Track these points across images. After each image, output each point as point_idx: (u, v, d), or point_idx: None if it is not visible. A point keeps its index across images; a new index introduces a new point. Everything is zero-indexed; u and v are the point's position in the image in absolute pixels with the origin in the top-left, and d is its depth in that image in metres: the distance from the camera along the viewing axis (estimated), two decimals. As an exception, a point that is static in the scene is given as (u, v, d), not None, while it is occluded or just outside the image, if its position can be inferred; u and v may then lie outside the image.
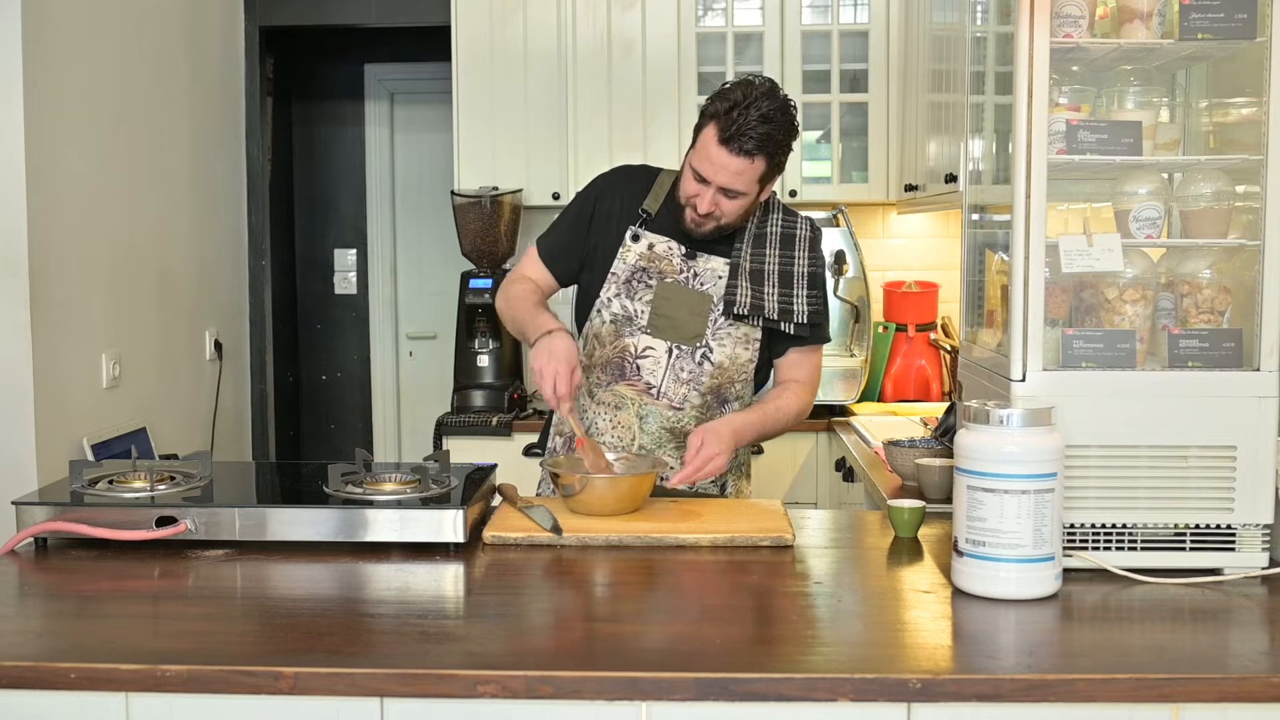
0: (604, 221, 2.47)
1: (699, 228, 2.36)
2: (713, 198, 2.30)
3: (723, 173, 2.26)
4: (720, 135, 2.23)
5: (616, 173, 2.55)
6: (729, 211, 2.32)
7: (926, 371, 4.05)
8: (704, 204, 2.31)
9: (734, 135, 2.22)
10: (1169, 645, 1.67)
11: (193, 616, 1.76)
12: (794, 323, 2.40)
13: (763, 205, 2.45)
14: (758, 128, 2.21)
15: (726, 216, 2.33)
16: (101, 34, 3.44)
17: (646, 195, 2.46)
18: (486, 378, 4.07)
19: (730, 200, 2.30)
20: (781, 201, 2.51)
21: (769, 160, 2.26)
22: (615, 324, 2.43)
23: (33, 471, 3.03)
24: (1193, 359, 1.92)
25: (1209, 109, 2.12)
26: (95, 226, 3.39)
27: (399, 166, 5.61)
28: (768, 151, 2.24)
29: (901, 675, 1.49)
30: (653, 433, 2.41)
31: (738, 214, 2.34)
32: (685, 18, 4.05)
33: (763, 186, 2.32)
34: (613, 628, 1.74)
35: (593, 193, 2.52)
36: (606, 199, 2.49)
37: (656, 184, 2.48)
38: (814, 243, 2.46)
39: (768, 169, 2.28)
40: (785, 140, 2.27)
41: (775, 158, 2.27)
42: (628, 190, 2.48)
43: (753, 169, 2.26)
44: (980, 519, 1.77)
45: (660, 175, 2.50)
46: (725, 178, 2.26)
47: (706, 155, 2.26)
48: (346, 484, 2.14)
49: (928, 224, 4.34)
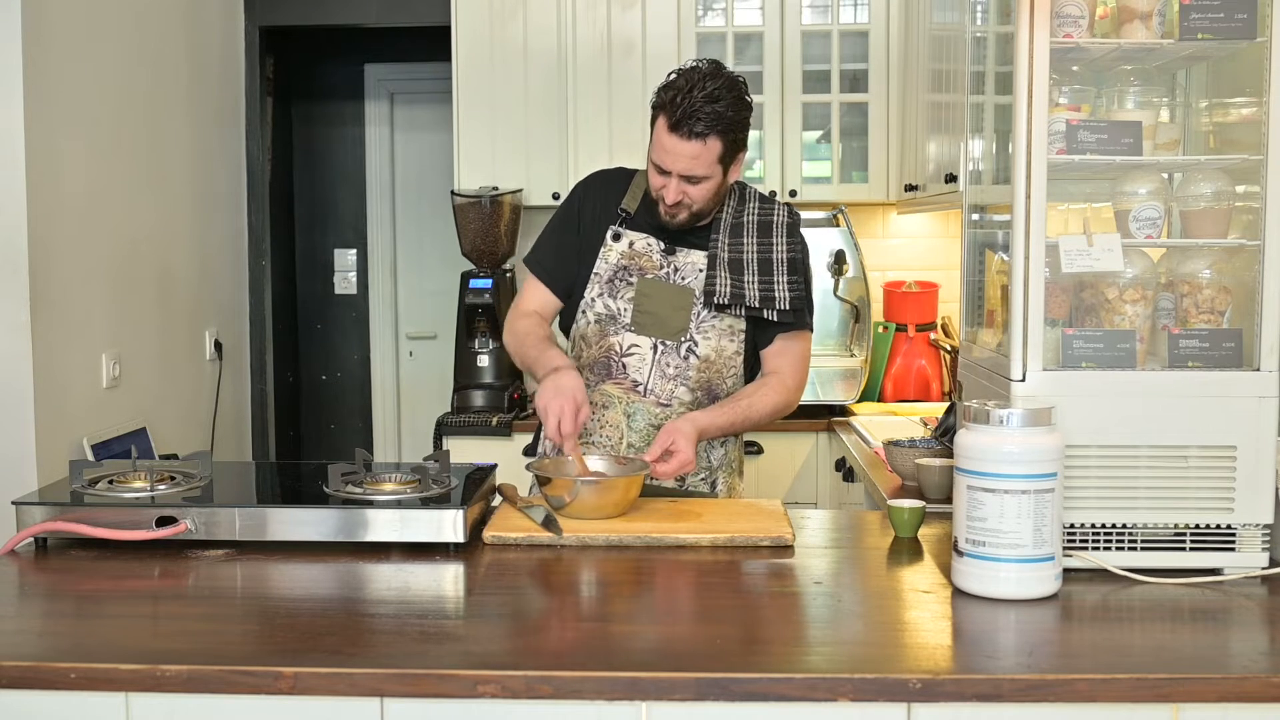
0: (587, 227, 2.48)
1: (674, 218, 2.37)
2: (677, 186, 2.30)
3: (679, 159, 2.27)
4: (669, 122, 2.25)
5: (593, 178, 2.57)
6: (697, 197, 2.33)
7: (926, 371, 4.05)
8: (670, 194, 2.32)
9: (681, 119, 2.23)
10: (1169, 645, 1.67)
11: (193, 616, 1.76)
12: (776, 309, 2.39)
13: (739, 194, 2.46)
14: (704, 108, 2.22)
15: (697, 202, 2.34)
16: (101, 34, 3.44)
17: (624, 195, 2.47)
18: (486, 378, 4.07)
19: (695, 186, 2.31)
20: (758, 190, 2.51)
21: (723, 139, 2.26)
22: (600, 323, 2.43)
23: (33, 471, 3.03)
24: (1193, 359, 1.92)
25: (1209, 109, 2.12)
26: (95, 226, 3.39)
27: (399, 166, 5.61)
28: (719, 129, 2.25)
29: (901, 675, 1.49)
30: (641, 430, 2.41)
31: (707, 198, 2.35)
32: (685, 18, 4.05)
33: (726, 167, 2.32)
34: (613, 627, 1.74)
35: (574, 200, 2.53)
36: (589, 203, 2.50)
37: (633, 183, 2.49)
38: (792, 228, 2.46)
39: (725, 148, 2.28)
40: (736, 116, 2.27)
41: (729, 135, 2.27)
42: (606, 192, 2.50)
43: (707, 151, 2.26)
44: (980, 519, 1.77)
45: (637, 175, 2.51)
46: (683, 164, 2.27)
47: (661, 145, 2.29)
48: (346, 484, 2.14)
49: (928, 224, 4.34)
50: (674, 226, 2.39)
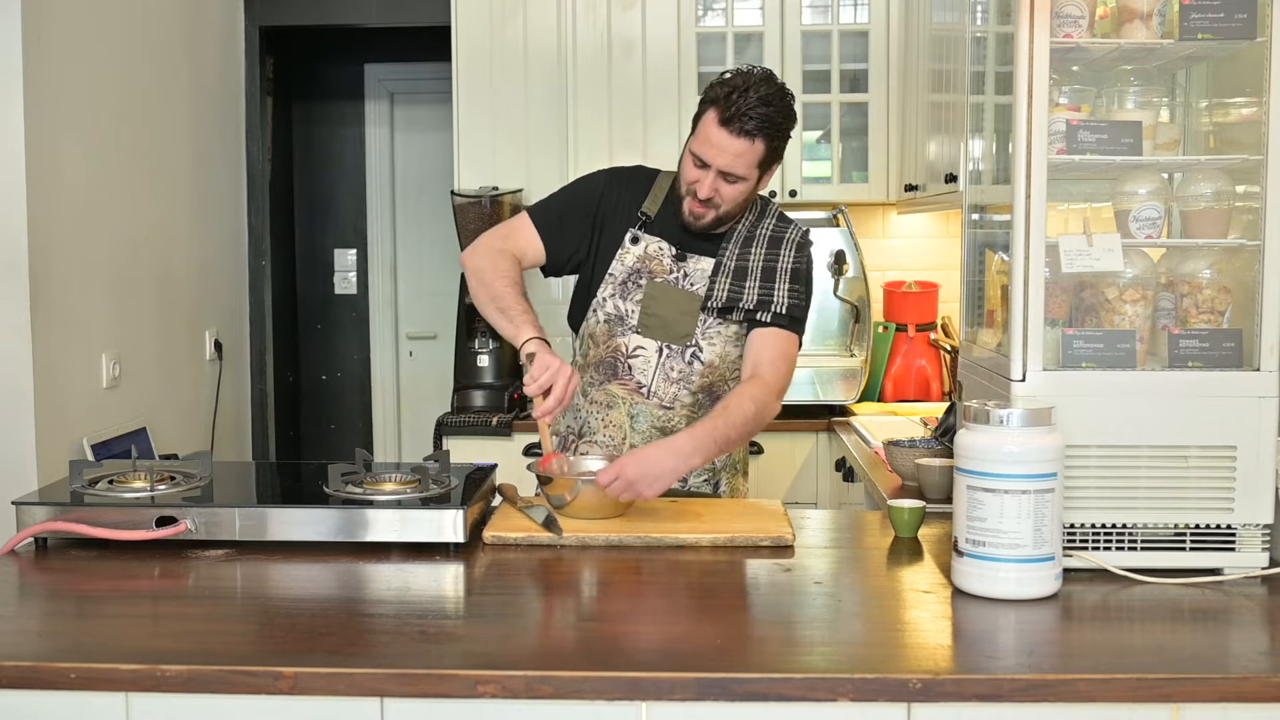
0: (605, 221, 2.46)
1: (698, 220, 2.36)
2: (712, 182, 2.30)
3: (723, 155, 2.27)
4: (720, 117, 2.26)
5: (618, 172, 2.55)
6: (728, 198, 2.33)
7: (926, 371, 4.05)
8: (704, 189, 2.31)
9: (734, 116, 2.24)
10: (1169, 645, 1.67)
11: (193, 616, 1.76)
12: (771, 313, 2.39)
13: (759, 209, 2.46)
14: (757, 109, 2.23)
15: (726, 204, 2.34)
16: (101, 34, 3.44)
17: (646, 198, 2.46)
18: (486, 378, 4.07)
19: (730, 185, 2.31)
20: (779, 208, 2.52)
21: (768, 143, 2.28)
22: (608, 324, 2.43)
23: (33, 471, 3.03)
24: (1193, 359, 1.92)
25: (1209, 109, 2.12)
26: (95, 227, 3.39)
27: (399, 166, 5.61)
28: (767, 134, 2.26)
29: (901, 675, 1.49)
30: (644, 431, 2.41)
31: (736, 201, 2.35)
32: (685, 18, 4.04)
33: (762, 173, 2.33)
34: (613, 627, 1.74)
35: (596, 186, 2.50)
36: (610, 200, 2.48)
37: (655, 186, 2.48)
38: (801, 245, 2.46)
39: (767, 153, 2.29)
40: (784, 125, 2.29)
41: (774, 141, 2.29)
42: (629, 191, 2.48)
43: (752, 151, 2.27)
44: (980, 519, 1.77)
45: (659, 177, 2.50)
46: (726, 160, 2.27)
47: (707, 138, 2.28)
48: (346, 484, 2.14)
49: (928, 224, 4.33)
50: (697, 229, 2.38)
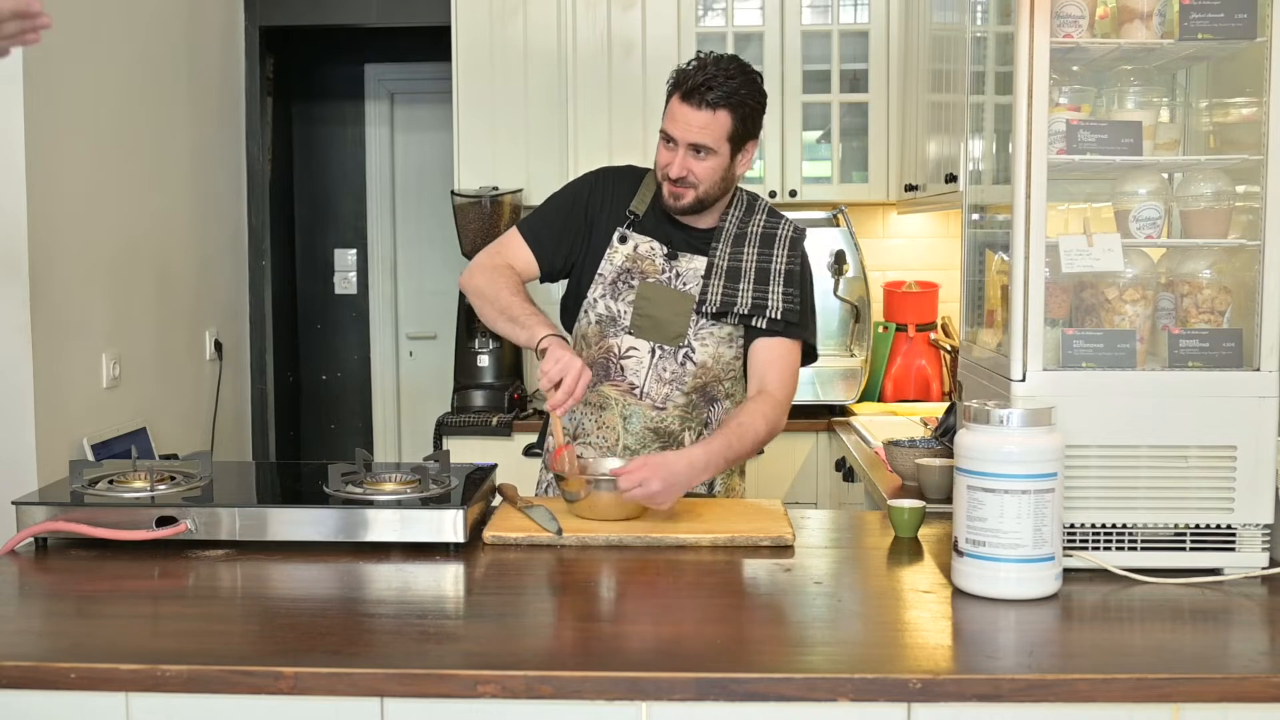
0: (593, 223, 2.47)
1: (677, 201, 2.36)
2: (682, 160, 2.31)
3: (690, 129, 2.29)
4: (683, 93, 2.30)
5: (604, 172, 2.55)
6: (702, 175, 2.33)
7: (926, 371, 4.05)
8: (675, 168, 2.33)
9: (694, 89, 2.28)
10: (1169, 645, 1.67)
11: (193, 616, 1.76)
12: (767, 318, 2.39)
13: (747, 205, 2.46)
14: (717, 79, 2.27)
15: (703, 182, 2.34)
16: (101, 34, 3.44)
17: (633, 197, 2.46)
18: (486, 378, 4.07)
19: (700, 161, 2.32)
20: (769, 204, 2.51)
21: (733, 114, 2.29)
22: (600, 325, 2.43)
23: (33, 471, 3.03)
24: (1193, 359, 1.92)
25: (1209, 109, 2.12)
26: (95, 226, 3.39)
27: (399, 166, 5.61)
28: (730, 104, 2.28)
29: (901, 675, 1.49)
30: (637, 433, 2.41)
31: (711, 178, 2.34)
32: (685, 18, 4.04)
33: (734, 150, 2.33)
34: (613, 628, 1.74)
35: (583, 190, 2.51)
36: (596, 199, 2.48)
37: (643, 185, 2.48)
38: (794, 243, 2.46)
39: (734, 126, 2.30)
40: (749, 98, 2.31)
41: (739, 111, 2.30)
42: (615, 191, 2.49)
43: (716, 122, 2.29)
44: (980, 519, 1.77)
45: (646, 176, 2.50)
46: (692, 134, 2.29)
47: (671, 115, 2.32)
48: (346, 484, 2.14)
49: (928, 224, 4.34)
50: (677, 212, 2.38)
